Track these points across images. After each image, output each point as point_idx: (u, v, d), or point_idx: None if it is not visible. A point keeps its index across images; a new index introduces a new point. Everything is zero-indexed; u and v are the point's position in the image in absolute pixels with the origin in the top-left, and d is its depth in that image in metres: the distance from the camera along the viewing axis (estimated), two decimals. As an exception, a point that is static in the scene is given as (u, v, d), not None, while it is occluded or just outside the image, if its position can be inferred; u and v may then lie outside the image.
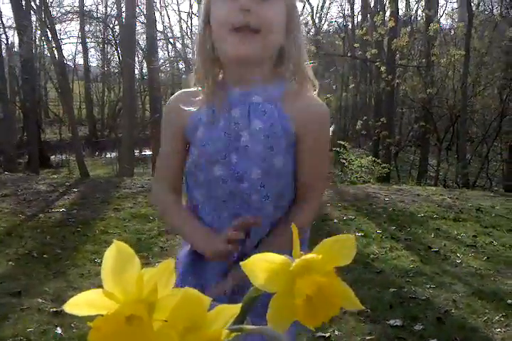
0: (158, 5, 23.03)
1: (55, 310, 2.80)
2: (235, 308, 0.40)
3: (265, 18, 0.96)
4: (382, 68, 10.19)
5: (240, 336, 0.42)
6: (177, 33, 29.59)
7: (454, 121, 11.04)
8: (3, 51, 14.62)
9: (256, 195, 1.04)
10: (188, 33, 21.39)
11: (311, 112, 1.04)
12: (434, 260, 3.84)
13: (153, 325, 0.35)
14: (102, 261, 0.38)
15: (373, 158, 9.89)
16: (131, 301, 0.36)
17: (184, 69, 19.02)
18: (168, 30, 24.10)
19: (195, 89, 1.09)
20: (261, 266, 0.40)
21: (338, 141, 10.34)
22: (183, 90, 1.15)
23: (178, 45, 20.39)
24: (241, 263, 0.40)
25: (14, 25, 14.09)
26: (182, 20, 32.56)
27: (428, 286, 3.28)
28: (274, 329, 0.41)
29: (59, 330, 2.58)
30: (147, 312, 0.35)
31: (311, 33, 19.17)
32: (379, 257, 3.88)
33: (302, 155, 1.05)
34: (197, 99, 1.07)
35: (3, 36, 17.36)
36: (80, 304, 0.36)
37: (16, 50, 15.78)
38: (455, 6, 18.38)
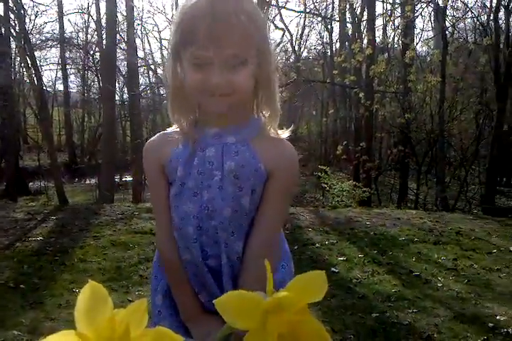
0: (139, 32, 23.25)
1: (30, 341, 2.72)
2: None
3: (237, 85, 0.99)
4: (361, 94, 10.37)
5: None
6: (158, 59, 29.80)
7: (433, 145, 11.24)
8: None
9: (224, 232, 1.08)
10: (169, 60, 21.56)
11: (282, 158, 1.07)
12: (416, 284, 3.84)
13: None
14: (80, 291, 0.38)
15: (354, 182, 9.97)
16: None
17: (165, 95, 19.11)
18: (149, 56, 24.34)
19: (174, 128, 1.14)
20: (234, 303, 0.40)
21: (320, 166, 10.41)
22: (162, 132, 1.17)
23: (159, 71, 20.57)
24: (214, 300, 0.40)
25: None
26: (163, 47, 32.87)
27: (410, 311, 3.28)
28: None
29: (34, 364, 2.51)
30: None
31: (291, 60, 19.53)
32: (361, 282, 3.88)
33: (267, 196, 1.07)
34: (175, 138, 1.12)
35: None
36: None
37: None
38: (431, 33, 18.94)
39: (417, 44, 15.77)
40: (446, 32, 11.50)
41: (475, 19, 12.93)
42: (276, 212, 1.08)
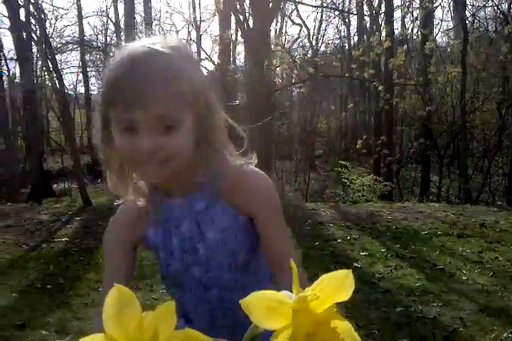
0: (157, 32, 23.40)
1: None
2: None
3: (171, 150, 0.86)
4: (380, 87, 10.26)
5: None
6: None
7: (454, 137, 11.07)
8: (5, 83, 14.83)
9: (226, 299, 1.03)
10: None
11: (254, 196, 0.96)
12: (440, 278, 3.80)
13: None
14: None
15: (375, 177, 9.89)
16: None
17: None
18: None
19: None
20: (260, 304, 0.40)
21: (339, 161, 10.35)
22: (125, 206, 1.05)
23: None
24: (240, 301, 0.40)
25: (15, 57, 14.33)
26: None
27: (435, 305, 3.25)
28: None
29: (63, 362, 2.56)
30: None
31: (309, 55, 19.42)
32: (385, 276, 3.85)
33: (261, 232, 0.98)
34: (141, 212, 1.01)
35: (5, 68, 17.62)
36: None
37: (17, 81, 16.00)
38: (450, 24, 18.64)
39: (436, 35, 15.59)
40: (466, 21, 11.29)
41: (495, 8, 12.71)
42: (278, 241, 0.97)
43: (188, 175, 0.95)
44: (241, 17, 8.65)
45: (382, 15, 13.31)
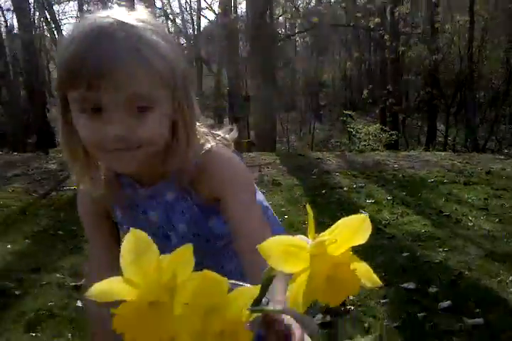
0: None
1: (74, 284, 2.85)
2: (254, 289, 0.41)
3: (144, 135, 0.77)
4: (386, 36, 10.01)
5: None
6: (176, 9, 29.18)
7: (461, 87, 10.91)
8: (3, 34, 14.50)
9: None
10: (188, 9, 21.13)
11: (217, 180, 0.86)
12: (446, 224, 3.85)
13: (174, 309, 0.36)
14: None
15: (381, 126, 9.83)
16: (152, 287, 0.36)
17: (185, 44, 18.80)
18: (167, 6, 23.76)
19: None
20: (277, 249, 0.40)
21: (345, 111, 10.27)
22: (82, 191, 0.98)
23: (178, 21, 20.14)
24: (257, 245, 0.40)
25: (12, 8, 13.91)
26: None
27: (441, 250, 3.30)
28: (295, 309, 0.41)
29: (79, 303, 2.64)
30: (168, 297, 0.36)
31: (312, 4, 18.80)
32: (391, 223, 3.90)
33: (225, 214, 0.85)
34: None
35: (2, 19, 17.18)
36: (102, 292, 0.37)
37: (15, 32, 15.64)
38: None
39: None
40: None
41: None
42: (248, 215, 0.83)
43: (160, 163, 0.85)
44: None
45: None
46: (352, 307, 2.57)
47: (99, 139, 0.75)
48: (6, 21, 18.40)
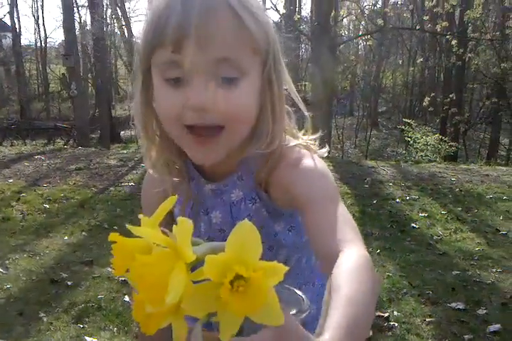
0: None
1: (123, 279, 2.95)
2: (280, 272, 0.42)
3: (228, 112, 0.67)
4: (453, 42, 9.72)
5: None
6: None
7: (530, 98, 10.44)
8: (77, 29, 15.18)
9: None
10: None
11: (301, 192, 0.71)
12: (502, 243, 3.71)
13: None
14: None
15: (440, 136, 9.56)
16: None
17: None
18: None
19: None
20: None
21: (404, 119, 10.05)
22: (150, 177, 0.87)
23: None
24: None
25: (86, 4, 14.55)
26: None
27: (494, 270, 3.19)
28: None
29: (127, 298, 2.74)
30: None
31: (378, 6, 18.53)
32: (443, 239, 3.81)
33: (310, 223, 0.69)
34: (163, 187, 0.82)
35: (76, 15, 17.96)
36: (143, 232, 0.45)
37: (88, 28, 16.33)
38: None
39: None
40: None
41: None
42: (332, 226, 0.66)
43: (239, 150, 0.74)
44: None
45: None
46: (396, 324, 2.54)
47: (178, 110, 0.67)
48: (80, 17, 19.21)
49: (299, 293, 0.53)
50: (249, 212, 0.80)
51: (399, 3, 21.72)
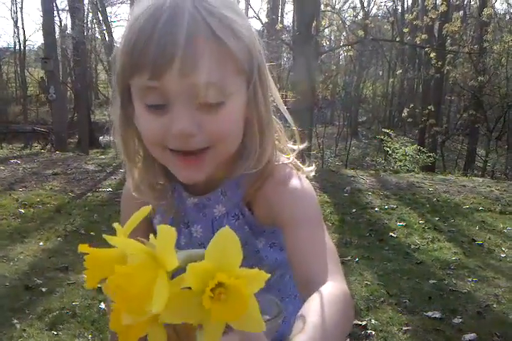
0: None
1: (99, 286, 2.90)
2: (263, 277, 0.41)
3: (214, 135, 0.65)
4: (432, 54, 9.89)
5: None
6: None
7: (506, 111, 10.66)
8: (57, 33, 15.05)
9: None
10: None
11: (284, 211, 0.70)
12: (478, 253, 3.76)
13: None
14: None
15: (418, 147, 9.70)
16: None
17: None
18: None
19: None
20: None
21: (383, 129, 10.16)
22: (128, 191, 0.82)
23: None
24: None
25: (67, 8, 14.44)
26: None
27: (470, 279, 3.23)
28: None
29: (102, 305, 2.69)
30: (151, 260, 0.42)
31: (359, 17, 18.77)
32: (420, 248, 3.84)
33: (292, 244, 0.68)
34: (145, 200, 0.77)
35: (57, 18, 17.81)
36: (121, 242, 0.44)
37: (68, 32, 16.18)
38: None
39: (495, 1, 14.73)
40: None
41: None
42: (314, 257, 0.65)
43: (225, 168, 0.73)
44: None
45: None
46: (373, 332, 2.54)
47: (161, 136, 0.64)
48: (60, 21, 19.04)
49: (272, 297, 0.53)
50: (232, 227, 0.77)
51: (380, 15, 22.07)
